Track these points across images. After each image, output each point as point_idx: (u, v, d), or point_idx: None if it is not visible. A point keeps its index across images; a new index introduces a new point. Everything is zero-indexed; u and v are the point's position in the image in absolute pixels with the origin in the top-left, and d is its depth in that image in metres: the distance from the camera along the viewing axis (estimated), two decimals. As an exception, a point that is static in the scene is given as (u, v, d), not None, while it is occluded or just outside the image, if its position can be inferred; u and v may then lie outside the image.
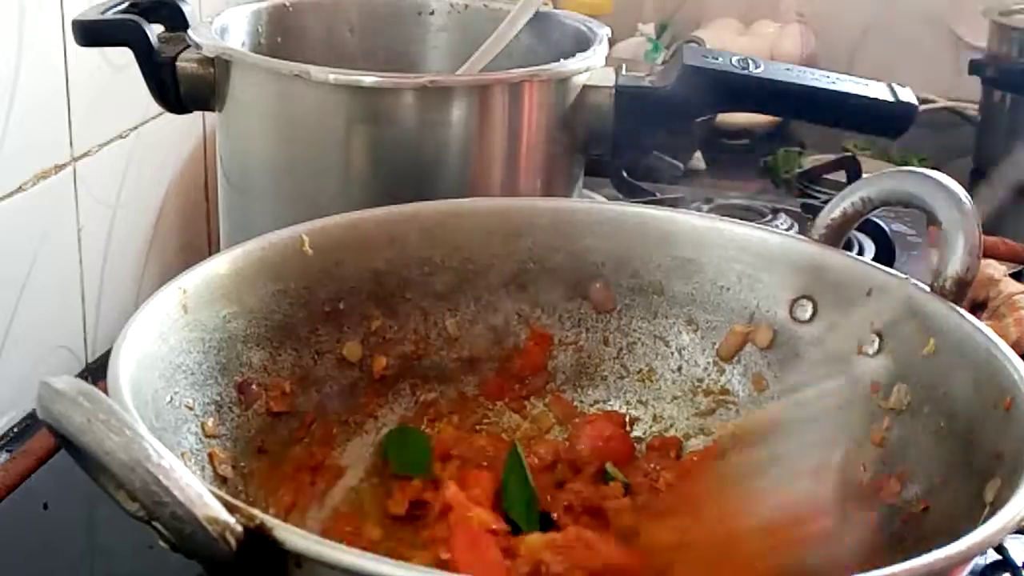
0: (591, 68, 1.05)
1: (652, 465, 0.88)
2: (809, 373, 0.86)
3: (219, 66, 1.02)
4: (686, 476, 0.87)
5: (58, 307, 1.11)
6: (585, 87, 1.05)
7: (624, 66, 1.08)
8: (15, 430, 1.06)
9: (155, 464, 0.52)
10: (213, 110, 1.05)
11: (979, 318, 0.81)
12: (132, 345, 0.70)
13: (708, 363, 0.91)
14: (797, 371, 0.87)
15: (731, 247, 0.90)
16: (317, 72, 0.97)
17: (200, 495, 0.53)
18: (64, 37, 1.07)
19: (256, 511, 0.54)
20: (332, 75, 0.97)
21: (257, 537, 0.54)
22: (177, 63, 1.03)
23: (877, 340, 0.83)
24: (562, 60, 1.04)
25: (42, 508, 0.92)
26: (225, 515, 0.53)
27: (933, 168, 0.86)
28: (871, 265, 0.88)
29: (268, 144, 1.03)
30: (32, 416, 1.07)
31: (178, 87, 1.03)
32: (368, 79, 0.97)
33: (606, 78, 1.05)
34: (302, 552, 0.54)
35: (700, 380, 0.91)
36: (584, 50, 1.06)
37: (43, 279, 1.07)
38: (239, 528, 0.54)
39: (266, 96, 1.01)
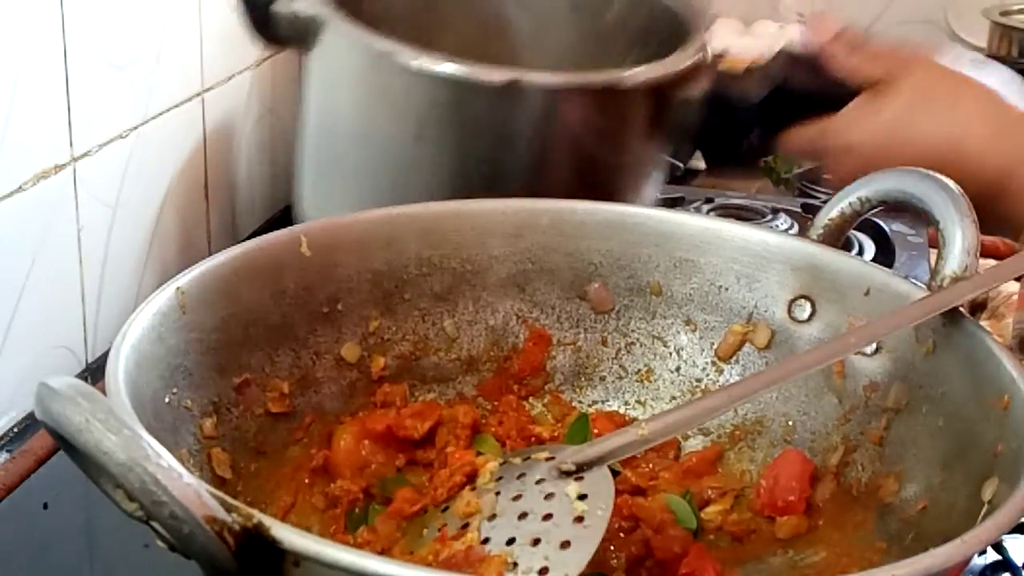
0: (681, 71, 1.02)
1: (650, 465, 0.88)
2: (807, 373, 0.86)
3: (311, 23, 1.02)
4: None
5: (58, 307, 1.11)
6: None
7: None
8: (15, 430, 1.06)
9: (153, 464, 0.52)
10: (306, 50, 1.04)
11: (979, 318, 0.81)
12: (130, 345, 0.70)
13: (706, 363, 0.92)
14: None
15: (729, 247, 0.90)
16: (403, 55, 0.96)
17: (198, 495, 0.53)
18: (64, 37, 1.07)
19: (254, 511, 0.55)
20: (415, 61, 0.96)
21: (255, 536, 0.54)
22: (272, 7, 1.03)
23: (874, 342, 0.83)
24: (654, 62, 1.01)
25: (42, 508, 0.92)
26: (223, 514, 0.54)
27: (933, 168, 0.86)
28: (869, 265, 0.88)
29: (352, 105, 1.02)
30: (32, 416, 1.07)
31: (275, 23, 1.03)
32: (450, 68, 0.96)
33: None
34: (300, 551, 0.54)
35: (699, 380, 0.92)
36: (677, 41, 1.03)
37: (43, 279, 1.07)
38: (237, 527, 0.54)
39: (354, 61, 1.00)
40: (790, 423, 0.87)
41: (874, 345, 0.83)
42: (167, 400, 0.73)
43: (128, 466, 0.52)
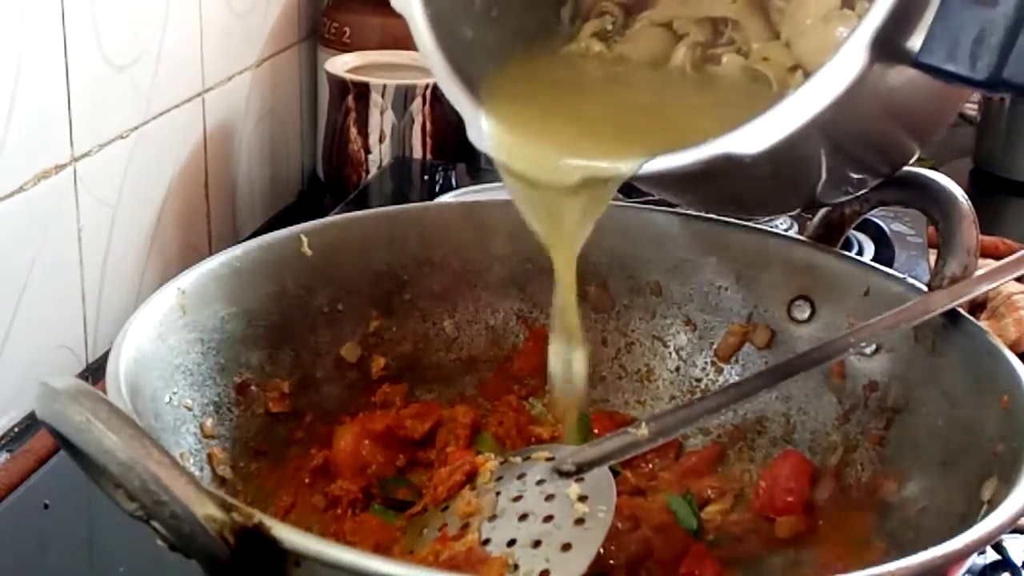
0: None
1: (650, 466, 0.88)
2: (807, 374, 0.86)
3: None
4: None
5: (58, 307, 1.11)
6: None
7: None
8: (15, 430, 1.06)
9: (154, 463, 0.52)
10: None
11: (978, 318, 0.82)
12: (131, 345, 0.70)
13: (706, 363, 0.91)
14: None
15: (729, 248, 0.90)
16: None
17: (199, 494, 0.53)
18: (64, 37, 1.07)
19: (254, 510, 0.54)
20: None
21: (255, 536, 0.54)
22: None
23: (874, 341, 0.83)
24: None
25: (42, 508, 0.92)
26: (223, 514, 0.54)
27: (933, 168, 0.86)
28: (868, 265, 0.88)
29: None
30: (32, 416, 1.07)
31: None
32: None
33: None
34: (300, 551, 0.54)
35: (698, 380, 0.92)
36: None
37: (43, 279, 1.07)
38: (238, 527, 0.54)
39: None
40: (790, 423, 0.87)
41: (874, 345, 0.83)
42: (167, 400, 0.73)
43: (129, 465, 0.52)
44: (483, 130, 0.76)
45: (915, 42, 0.64)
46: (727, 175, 0.71)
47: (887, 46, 0.64)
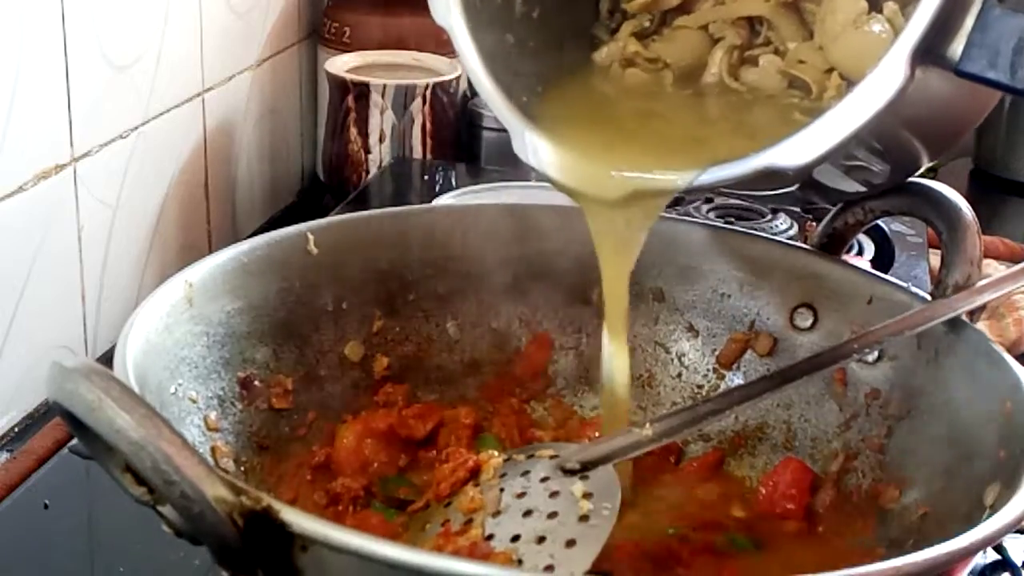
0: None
1: (651, 471, 0.88)
2: (809, 381, 0.86)
3: None
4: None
5: (58, 307, 1.11)
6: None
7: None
8: (15, 430, 1.06)
9: (166, 443, 0.52)
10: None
11: (978, 318, 0.81)
12: (138, 334, 0.70)
13: (708, 370, 0.92)
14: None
15: (732, 255, 0.90)
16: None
17: (209, 475, 0.53)
18: (64, 37, 1.07)
19: (263, 494, 0.54)
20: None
21: (264, 519, 0.54)
22: None
23: (877, 348, 0.83)
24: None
25: (42, 508, 0.92)
26: (233, 496, 0.53)
27: (933, 169, 0.86)
28: (872, 274, 0.88)
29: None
30: (32, 416, 1.07)
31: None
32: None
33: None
34: (308, 534, 0.53)
35: (700, 387, 0.92)
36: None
37: (43, 279, 1.07)
38: (247, 510, 0.53)
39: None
40: (791, 430, 0.87)
41: (876, 353, 0.83)
42: (173, 391, 0.73)
43: (140, 444, 0.51)
44: (529, 144, 0.75)
45: (955, 50, 0.65)
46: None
47: (928, 55, 0.64)
